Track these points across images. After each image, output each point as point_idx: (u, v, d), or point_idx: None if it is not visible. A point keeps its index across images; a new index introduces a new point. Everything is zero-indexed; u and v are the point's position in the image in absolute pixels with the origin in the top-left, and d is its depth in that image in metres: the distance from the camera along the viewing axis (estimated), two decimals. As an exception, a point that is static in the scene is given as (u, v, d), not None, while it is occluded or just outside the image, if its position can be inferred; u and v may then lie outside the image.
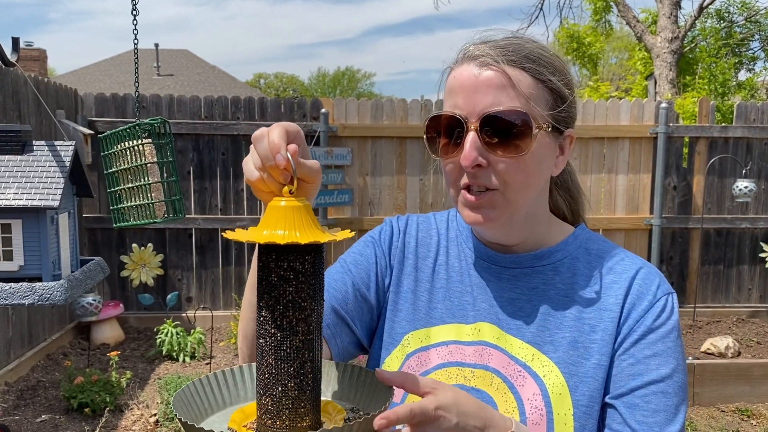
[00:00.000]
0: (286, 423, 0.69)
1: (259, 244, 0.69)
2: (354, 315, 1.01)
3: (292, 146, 0.72)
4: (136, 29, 1.44)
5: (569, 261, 0.98)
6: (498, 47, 0.90)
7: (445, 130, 0.91)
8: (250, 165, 0.74)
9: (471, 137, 0.87)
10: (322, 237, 0.67)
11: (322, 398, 0.76)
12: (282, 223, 0.67)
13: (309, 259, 0.69)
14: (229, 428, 0.73)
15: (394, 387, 0.76)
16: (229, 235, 0.68)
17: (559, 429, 0.88)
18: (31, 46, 13.95)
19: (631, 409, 0.88)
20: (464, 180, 0.91)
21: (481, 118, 0.87)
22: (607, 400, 0.91)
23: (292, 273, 0.68)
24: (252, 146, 0.75)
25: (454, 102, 0.90)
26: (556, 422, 0.88)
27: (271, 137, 0.72)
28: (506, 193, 0.90)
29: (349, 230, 0.74)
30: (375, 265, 1.04)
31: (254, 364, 0.82)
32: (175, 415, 0.69)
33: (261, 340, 0.70)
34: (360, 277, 1.02)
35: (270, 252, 0.68)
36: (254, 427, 0.73)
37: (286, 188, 0.71)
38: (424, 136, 0.94)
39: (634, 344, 0.91)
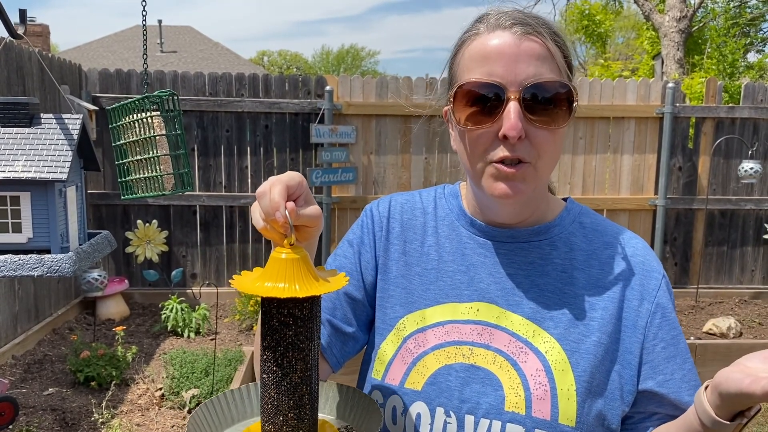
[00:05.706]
0: None
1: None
2: (350, 319, 1.03)
3: (290, 204, 0.77)
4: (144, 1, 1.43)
5: (566, 236, 0.98)
6: (532, 18, 0.88)
7: (478, 97, 0.87)
8: (257, 215, 0.79)
9: (514, 107, 0.85)
10: (319, 289, 0.74)
11: (321, 416, 0.86)
12: (282, 275, 0.74)
13: (307, 306, 0.75)
14: None
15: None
16: (234, 283, 0.75)
17: (563, 404, 0.89)
18: (33, 21, 13.83)
19: (679, 393, 0.92)
20: (500, 153, 0.87)
21: (524, 88, 0.85)
22: (653, 388, 0.92)
23: (291, 319, 0.75)
24: (257, 199, 0.81)
25: (488, 69, 0.87)
26: (559, 397, 0.89)
27: (272, 195, 0.76)
28: (537, 165, 0.89)
29: (344, 274, 0.80)
30: (359, 264, 1.03)
31: (259, 383, 0.89)
32: None
33: (264, 376, 0.77)
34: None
35: (272, 300, 0.74)
36: None
37: (286, 241, 0.77)
38: (450, 105, 0.91)
39: (659, 327, 0.94)
